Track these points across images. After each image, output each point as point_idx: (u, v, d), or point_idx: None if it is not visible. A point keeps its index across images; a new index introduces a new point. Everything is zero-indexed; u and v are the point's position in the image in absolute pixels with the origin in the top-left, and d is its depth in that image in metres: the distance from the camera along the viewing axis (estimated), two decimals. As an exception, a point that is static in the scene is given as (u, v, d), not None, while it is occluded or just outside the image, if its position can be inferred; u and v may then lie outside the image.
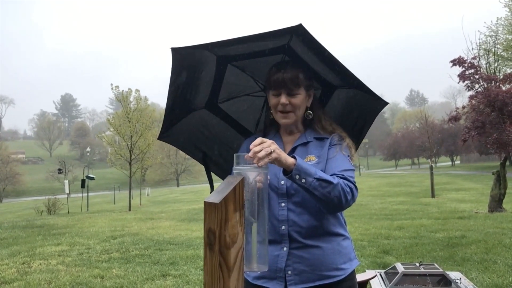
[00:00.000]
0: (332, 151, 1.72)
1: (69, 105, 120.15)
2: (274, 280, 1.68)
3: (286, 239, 1.67)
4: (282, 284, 1.67)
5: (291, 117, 1.73)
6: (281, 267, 1.67)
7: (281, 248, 1.67)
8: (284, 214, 1.68)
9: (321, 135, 1.78)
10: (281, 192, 1.68)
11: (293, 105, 1.71)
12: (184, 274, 5.27)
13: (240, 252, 1.13)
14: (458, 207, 11.21)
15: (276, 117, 1.78)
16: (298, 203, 1.67)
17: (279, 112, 1.74)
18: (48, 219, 13.57)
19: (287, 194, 1.68)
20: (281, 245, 1.68)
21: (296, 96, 1.71)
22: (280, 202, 1.68)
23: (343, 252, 1.72)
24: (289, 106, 1.71)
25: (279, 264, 1.67)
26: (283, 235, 1.67)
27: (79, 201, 24.28)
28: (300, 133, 1.81)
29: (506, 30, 21.72)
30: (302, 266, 1.66)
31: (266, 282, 1.70)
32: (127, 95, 19.41)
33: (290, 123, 1.75)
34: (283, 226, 1.67)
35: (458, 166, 46.37)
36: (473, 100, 10.49)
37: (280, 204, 1.68)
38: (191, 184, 54.08)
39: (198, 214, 12.87)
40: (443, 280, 3.29)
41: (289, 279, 1.67)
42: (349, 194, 1.55)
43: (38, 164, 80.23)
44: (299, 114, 1.75)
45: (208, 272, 1.09)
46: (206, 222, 1.10)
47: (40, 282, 5.10)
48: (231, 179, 1.21)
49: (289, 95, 1.70)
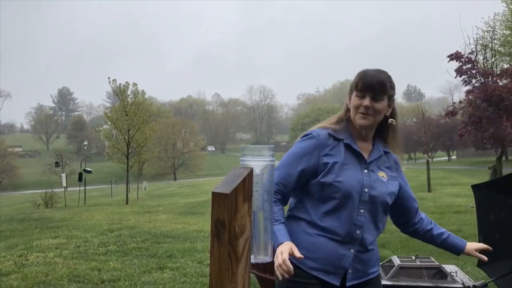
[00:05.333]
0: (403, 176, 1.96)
1: (66, 98, 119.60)
2: (333, 275, 1.77)
3: (357, 243, 1.78)
4: (339, 280, 1.78)
5: (370, 120, 1.78)
6: (345, 266, 1.78)
7: (349, 249, 1.78)
8: (362, 220, 1.77)
9: (387, 149, 1.89)
10: (363, 199, 1.76)
11: (375, 109, 1.77)
12: (181, 267, 5.29)
13: (248, 243, 1.15)
14: (454, 202, 11.27)
15: (354, 118, 1.81)
16: (374, 211, 1.78)
17: (359, 113, 1.78)
18: (45, 212, 13.56)
19: (370, 202, 1.76)
20: (350, 246, 1.78)
21: (379, 102, 1.76)
22: (360, 209, 1.76)
23: (378, 254, 1.95)
24: (371, 110, 1.76)
25: (344, 263, 1.77)
26: (355, 239, 1.77)
27: (76, 195, 24.26)
28: (370, 140, 1.87)
29: (503, 25, 21.74)
30: (360, 266, 1.81)
31: (322, 274, 1.77)
32: (124, 88, 19.34)
33: (367, 125, 1.79)
34: (358, 231, 1.77)
35: (455, 161, 46.51)
36: (470, 95, 10.53)
37: (359, 210, 1.76)
38: (188, 178, 54.07)
39: (195, 208, 12.89)
40: (439, 273, 3.30)
41: (348, 277, 1.79)
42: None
43: (35, 157, 79.98)
44: (377, 119, 1.80)
45: (216, 262, 1.10)
46: (215, 212, 1.11)
47: (37, 274, 5.11)
48: (240, 170, 1.22)
49: (373, 99, 1.75)
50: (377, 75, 1.76)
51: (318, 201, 1.78)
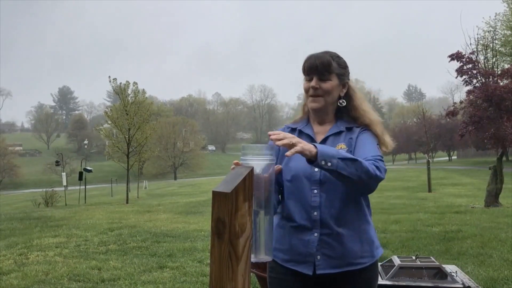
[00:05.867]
0: (360, 138, 1.76)
1: (67, 97, 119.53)
2: (303, 264, 1.73)
3: (317, 225, 1.71)
4: (311, 268, 1.72)
5: (320, 101, 1.76)
6: (311, 252, 1.71)
7: (312, 234, 1.72)
8: (317, 201, 1.71)
9: (352, 125, 1.81)
10: (314, 179, 1.72)
11: (324, 89, 1.75)
12: (181, 266, 5.28)
13: (248, 242, 1.14)
14: (454, 202, 11.26)
15: (307, 103, 1.81)
16: (330, 190, 1.71)
17: (309, 96, 1.78)
18: (46, 211, 13.56)
19: (319, 181, 1.71)
20: (312, 231, 1.72)
21: (326, 82, 1.75)
22: (313, 189, 1.72)
23: (370, 240, 1.78)
24: (320, 91, 1.75)
25: (310, 249, 1.71)
26: (315, 221, 1.71)
27: (76, 194, 24.27)
28: (332, 123, 1.83)
29: (504, 25, 21.76)
30: (331, 252, 1.71)
31: (295, 265, 1.75)
32: (125, 88, 19.32)
33: (319, 107, 1.78)
34: (315, 212, 1.71)
35: (455, 161, 46.48)
36: (470, 95, 10.49)
37: (313, 191, 1.72)
38: (189, 178, 54.08)
39: (195, 207, 12.89)
40: (439, 273, 3.30)
41: (318, 264, 1.71)
42: (377, 170, 1.56)
43: (36, 156, 80.00)
44: (329, 100, 1.78)
45: (216, 261, 1.10)
46: (215, 212, 1.11)
47: (38, 273, 5.11)
48: (240, 170, 1.22)
49: (320, 80, 1.74)
50: (321, 56, 1.75)
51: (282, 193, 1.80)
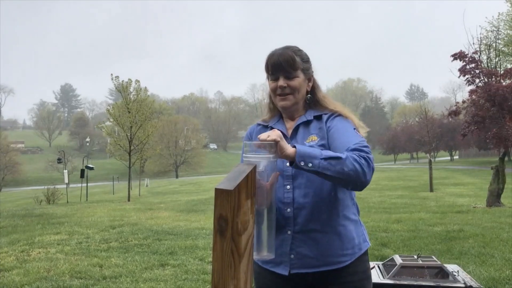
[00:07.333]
0: (334, 125, 1.68)
1: (69, 95, 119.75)
2: (281, 265, 1.67)
3: (290, 222, 1.64)
4: (287, 268, 1.66)
5: (290, 99, 1.72)
6: (286, 251, 1.65)
7: (286, 232, 1.65)
8: (290, 197, 1.65)
9: (320, 113, 1.76)
10: (287, 174, 1.66)
11: (292, 87, 1.71)
12: (182, 264, 5.29)
13: (250, 239, 1.14)
14: (456, 202, 11.24)
15: (275, 102, 1.77)
16: (303, 185, 1.64)
17: (278, 95, 1.73)
18: (47, 209, 13.59)
19: (292, 176, 1.65)
20: (286, 229, 1.65)
21: (294, 79, 1.70)
22: (286, 185, 1.66)
23: (350, 237, 1.69)
24: (288, 89, 1.71)
25: (284, 248, 1.65)
26: (288, 218, 1.65)
27: (78, 191, 24.30)
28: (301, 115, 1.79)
29: (507, 25, 21.70)
30: (305, 250, 1.64)
31: (273, 266, 1.69)
32: (127, 85, 19.31)
33: (289, 105, 1.74)
34: (288, 209, 1.65)
35: (457, 161, 46.41)
36: (473, 94, 10.47)
37: (286, 187, 1.66)
38: (190, 176, 54.10)
39: (197, 205, 12.90)
40: (440, 272, 3.30)
41: (292, 263, 1.65)
42: (364, 165, 1.43)
43: (38, 154, 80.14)
44: (298, 97, 1.74)
45: (218, 258, 1.09)
46: (218, 209, 1.10)
47: (39, 270, 5.12)
48: (243, 167, 1.22)
49: (287, 78, 1.70)
50: (283, 52, 1.69)
51: None
